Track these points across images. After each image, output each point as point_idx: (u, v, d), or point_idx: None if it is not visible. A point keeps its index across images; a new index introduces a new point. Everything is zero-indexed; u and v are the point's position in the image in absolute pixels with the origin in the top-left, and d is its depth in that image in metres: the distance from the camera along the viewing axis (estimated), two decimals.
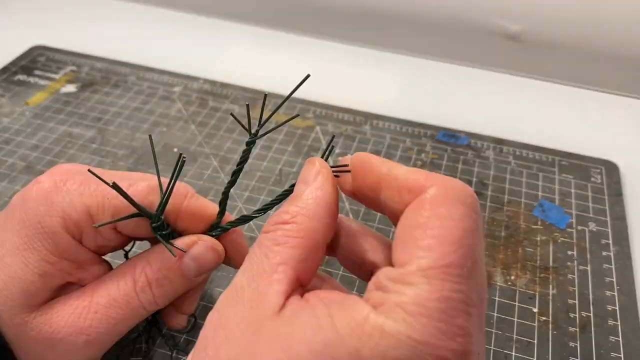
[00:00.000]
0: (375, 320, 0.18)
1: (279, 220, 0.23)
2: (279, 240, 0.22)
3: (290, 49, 0.63)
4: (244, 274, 0.22)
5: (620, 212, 0.43)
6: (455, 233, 0.20)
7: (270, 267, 0.22)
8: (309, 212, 0.23)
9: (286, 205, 0.24)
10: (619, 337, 0.35)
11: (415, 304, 0.18)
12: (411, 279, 0.19)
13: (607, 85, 0.58)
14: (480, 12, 0.60)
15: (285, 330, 0.19)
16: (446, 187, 0.21)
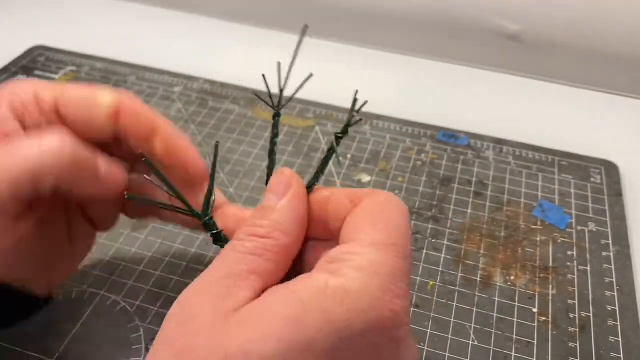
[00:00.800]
0: (335, 282, 0.20)
1: (254, 233, 0.23)
2: (254, 252, 0.23)
3: (290, 49, 0.63)
4: (215, 272, 0.23)
5: (620, 212, 0.43)
6: (399, 224, 0.23)
7: (243, 273, 0.22)
8: (284, 228, 0.24)
9: (258, 218, 0.24)
10: (618, 337, 0.35)
11: (370, 266, 0.21)
12: (363, 249, 0.22)
13: (607, 85, 0.58)
14: (480, 12, 0.60)
15: (254, 312, 0.20)
16: (388, 195, 0.24)
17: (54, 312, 0.35)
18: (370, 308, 0.20)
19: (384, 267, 0.21)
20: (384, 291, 0.21)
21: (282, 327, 0.19)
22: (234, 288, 0.22)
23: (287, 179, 0.25)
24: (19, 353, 0.33)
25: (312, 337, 0.19)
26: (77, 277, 0.37)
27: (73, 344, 0.33)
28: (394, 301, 0.21)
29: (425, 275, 0.38)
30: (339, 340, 0.20)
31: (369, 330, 0.20)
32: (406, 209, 0.24)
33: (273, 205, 0.24)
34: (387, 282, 0.21)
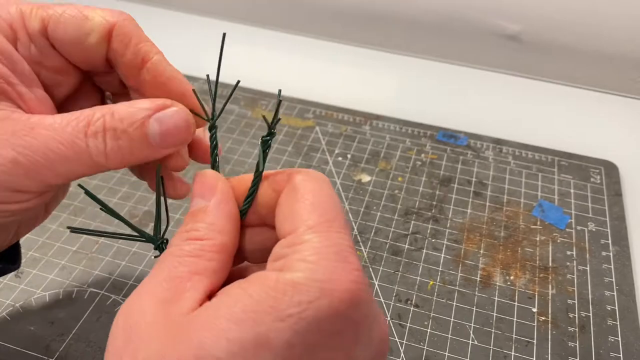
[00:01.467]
0: (284, 277, 0.20)
1: (191, 237, 0.23)
2: (194, 254, 0.22)
3: (290, 49, 0.63)
4: (155, 277, 0.22)
5: (620, 212, 0.43)
6: (327, 198, 0.23)
7: (185, 275, 0.22)
8: (219, 228, 0.24)
9: (191, 222, 0.24)
10: (618, 336, 0.35)
11: (313, 254, 0.21)
12: (303, 237, 0.21)
13: (607, 85, 0.58)
14: (480, 12, 0.60)
15: (203, 315, 0.20)
16: (306, 172, 0.24)
17: (55, 312, 0.35)
18: (321, 296, 0.20)
19: (328, 248, 0.21)
20: (333, 274, 0.20)
21: (232, 327, 0.19)
22: (177, 290, 0.21)
23: (211, 181, 0.25)
24: (19, 352, 0.33)
25: (264, 334, 0.19)
26: (77, 277, 0.37)
27: (73, 344, 0.33)
28: (347, 280, 0.20)
29: (425, 274, 0.38)
30: (294, 335, 0.19)
31: (323, 319, 0.20)
32: (325, 178, 0.24)
33: (203, 208, 0.24)
34: (335, 263, 0.21)
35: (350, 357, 0.21)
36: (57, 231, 0.40)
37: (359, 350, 0.21)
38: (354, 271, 0.21)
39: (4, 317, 0.35)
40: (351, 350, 0.21)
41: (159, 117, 0.25)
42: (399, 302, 0.37)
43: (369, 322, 0.21)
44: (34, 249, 0.39)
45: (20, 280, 0.37)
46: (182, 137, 0.26)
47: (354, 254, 0.21)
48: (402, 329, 0.35)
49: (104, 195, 0.43)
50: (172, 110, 0.26)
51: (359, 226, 0.42)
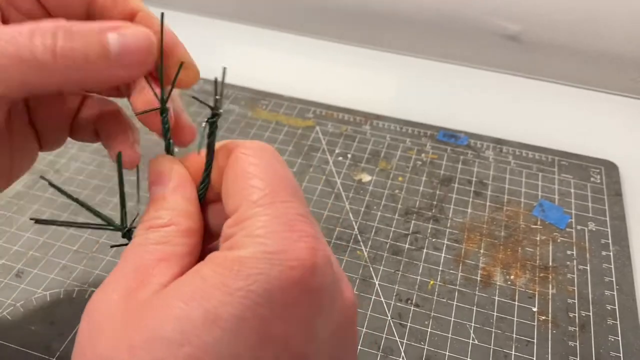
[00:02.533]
0: (231, 255, 0.20)
1: (154, 225, 0.23)
2: (159, 240, 0.22)
3: (290, 49, 0.63)
4: (120, 269, 0.21)
5: (620, 212, 0.43)
6: (269, 168, 0.22)
7: (151, 263, 0.21)
8: (183, 212, 0.23)
9: (152, 211, 0.23)
10: (618, 336, 0.35)
11: (258, 227, 0.20)
12: (248, 213, 0.21)
13: (607, 85, 0.58)
14: (480, 12, 0.60)
15: (157, 299, 0.20)
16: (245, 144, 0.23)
17: (55, 311, 0.35)
18: (269, 267, 0.19)
19: (275, 220, 0.20)
20: (282, 244, 0.20)
21: (181, 306, 0.19)
22: (143, 278, 0.21)
23: (166, 166, 0.24)
24: (19, 352, 0.33)
25: (213, 311, 0.18)
26: (78, 276, 0.37)
27: (73, 344, 0.33)
28: (297, 248, 0.20)
29: (425, 274, 0.38)
30: (245, 309, 0.19)
31: (274, 290, 0.19)
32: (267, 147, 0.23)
33: (163, 195, 0.24)
34: (283, 233, 0.20)
35: (310, 328, 0.20)
36: (57, 231, 0.40)
37: (321, 321, 0.21)
38: (305, 237, 0.20)
39: (4, 317, 0.35)
40: (310, 321, 0.20)
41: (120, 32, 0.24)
42: (400, 302, 0.37)
43: (329, 289, 0.21)
44: (35, 249, 0.39)
45: (20, 280, 0.37)
46: (143, 56, 0.24)
47: (303, 221, 0.21)
48: (403, 328, 0.35)
49: (104, 195, 0.43)
50: (135, 28, 0.25)
51: (360, 226, 0.42)
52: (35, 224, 0.40)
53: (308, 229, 0.21)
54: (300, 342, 0.20)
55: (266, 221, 0.20)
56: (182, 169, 0.25)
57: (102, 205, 0.42)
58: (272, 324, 0.19)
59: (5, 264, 0.38)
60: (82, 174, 0.45)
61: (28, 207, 0.42)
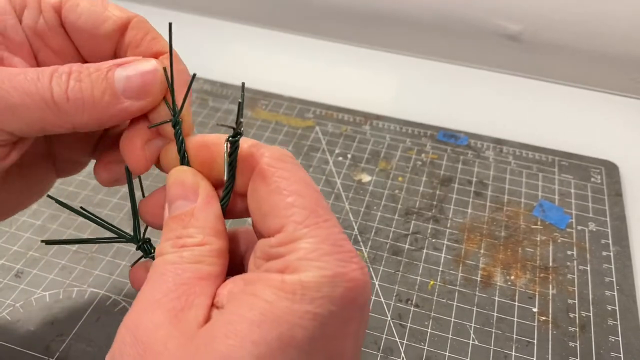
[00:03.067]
0: (291, 279, 0.20)
1: (187, 244, 0.22)
2: (195, 259, 0.22)
3: (290, 49, 0.63)
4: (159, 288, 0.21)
5: (620, 212, 0.43)
6: (301, 182, 0.22)
7: (192, 281, 0.21)
8: (214, 232, 0.23)
9: (181, 228, 0.23)
10: (618, 336, 0.35)
11: (312, 251, 0.21)
12: (296, 235, 0.21)
13: (607, 85, 0.58)
14: (480, 12, 0.60)
15: (221, 324, 0.20)
16: (269, 152, 0.23)
17: (55, 312, 0.35)
18: (330, 290, 0.20)
19: (324, 242, 0.21)
20: (337, 266, 0.20)
21: (255, 330, 0.19)
22: (186, 298, 0.21)
23: (192, 180, 0.24)
24: (19, 352, 0.33)
25: (286, 332, 0.19)
26: (77, 277, 0.37)
27: (73, 344, 0.33)
28: (350, 269, 0.21)
29: (425, 274, 0.38)
30: (314, 329, 0.20)
31: (337, 310, 0.20)
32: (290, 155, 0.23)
33: (190, 211, 0.23)
34: (335, 255, 0.21)
35: (358, 339, 0.22)
36: (57, 231, 0.40)
37: (362, 328, 0.22)
38: (354, 258, 0.21)
39: (4, 317, 0.35)
40: (359, 332, 0.22)
41: (127, 65, 0.25)
42: (400, 302, 0.36)
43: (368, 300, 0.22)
44: (34, 249, 0.39)
45: (20, 280, 0.37)
46: (150, 88, 0.25)
47: (346, 239, 0.22)
48: (403, 329, 0.35)
49: (103, 195, 0.43)
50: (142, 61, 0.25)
51: (359, 226, 0.42)
52: (34, 225, 0.40)
53: (351, 246, 0.22)
54: (351, 351, 0.22)
55: (317, 243, 0.21)
56: (208, 184, 0.24)
57: (101, 205, 0.42)
58: (336, 340, 0.21)
59: (5, 264, 0.38)
60: (82, 174, 0.45)
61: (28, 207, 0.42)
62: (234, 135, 0.23)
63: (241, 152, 0.24)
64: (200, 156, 0.25)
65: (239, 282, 0.22)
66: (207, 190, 0.24)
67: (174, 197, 0.24)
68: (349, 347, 0.21)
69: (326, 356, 0.20)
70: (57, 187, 0.43)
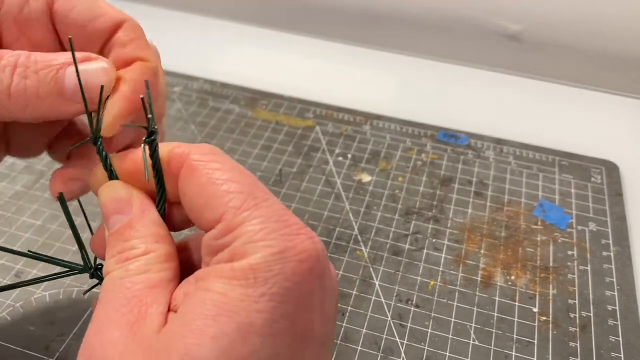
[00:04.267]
0: (240, 265, 0.19)
1: (131, 256, 0.22)
2: (142, 269, 0.21)
3: (290, 49, 0.63)
4: (110, 305, 0.20)
5: (621, 212, 0.43)
6: (234, 170, 0.22)
7: (143, 291, 0.21)
8: (156, 237, 0.22)
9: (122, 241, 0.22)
10: (619, 337, 0.35)
11: (256, 232, 0.20)
12: (237, 220, 0.20)
13: (607, 85, 0.58)
14: (480, 12, 0.60)
15: (176, 324, 0.19)
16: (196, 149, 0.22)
17: (55, 312, 0.35)
18: (283, 266, 0.19)
19: (267, 221, 0.20)
20: (285, 241, 0.20)
21: (211, 324, 0.18)
22: (139, 309, 0.20)
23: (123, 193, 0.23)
24: (19, 352, 0.33)
25: (244, 320, 0.19)
26: (77, 277, 0.37)
27: (73, 344, 0.33)
28: (298, 240, 0.20)
29: (425, 274, 0.38)
30: (273, 310, 0.19)
31: (293, 285, 0.20)
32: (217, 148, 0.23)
33: (127, 223, 0.22)
34: (281, 231, 0.20)
35: (324, 310, 0.21)
36: (57, 231, 0.40)
37: (327, 299, 0.21)
38: (301, 229, 0.21)
39: (4, 317, 0.34)
40: (323, 303, 0.21)
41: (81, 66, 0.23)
42: (400, 302, 0.36)
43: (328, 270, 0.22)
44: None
45: (20, 280, 0.37)
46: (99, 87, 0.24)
47: (290, 214, 0.21)
48: (403, 329, 0.35)
49: None
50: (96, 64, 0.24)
51: (360, 226, 0.41)
52: (34, 225, 0.40)
53: (297, 220, 0.21)
54: (320, 324, 0.21)
55: (260, 224, 0.20)
56: (141, 193, 0.23)
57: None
58: (298, 316, 0.20)
59: (5, 264, 0.37)
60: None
61: (27, 207, 0.42)
62: (148, 135, 0.23)
63: (164, 155, 0.23)
64: (126, 168, 0.24)
65: (191, 280, 0.21)
66: (140, 199, 0.23)
67: (109, 213, 0.23)
68: (316, 320, 0.21)
69: (292, 334, 0.20)
70: None
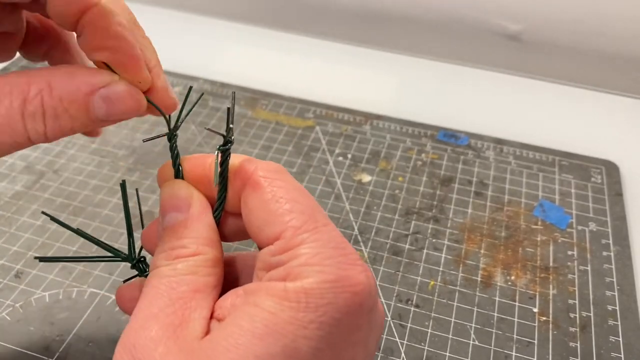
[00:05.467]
0: (293, 287, 0.19)
1: (180, 255, 0.22)
2: (190, 270, 0.21)
3: (290, 49, 0.63)
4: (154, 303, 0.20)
5: (620, 212, 0.43)
6: (298, 191, 0.22)
7: (187, 294, 0.21)
8: (207, 241, 0.22)
9: (174, 239, 0.22)
10: (619, 337, 0.35)
11: (313, 255, 0.20)
12: (295, 240, 0.20)
13: (607, 85, 0.58)
14: (480, 12, 0.60)
15: (222, 336, 0.19)
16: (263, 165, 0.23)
17: (55, 312, 0.35)
18: (335, 296, 0.19)
19: (325, 246, 0.20)
20: (340, 270, 0.20)
21: (257, 343, 0.18)
22: (183, 312, 0.20)
23: (184, 192, 0.23)
24: (19, 353, 0.33)
25: (290, 344, 0.19)
26: (77, 277, 0.37)
27: (73, 344, 0.33)
28: (355, 273, 0.20)
29: (425, 275, 0.38)
30: (320, 339, 0.19)
31: (343, 317, 0.19)
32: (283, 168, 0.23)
33: (183, 222, 0.23)
34: (338, 259, 0.20)
35: (368, 345, 0.21)
36: (56, 231, 0.40)
37: (372, 336, 0.21)
38: (357, 261, 0.21)
39: (3, 317, 0.34)
40: (368, 338, 0.21)
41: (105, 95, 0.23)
42: (400, 303, 0.36)
43: (377, 307, 0.21)
44: (34, 249, 0.38)
45: (20, 281, 0.37)
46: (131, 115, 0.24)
47: (347, 242, 0.21)
48: (403, 329, 0.35)
49: (104, 195, 0.43)
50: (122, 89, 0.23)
51: (360, 226, 0.41)
52: (34, 225, 0.39)
53: (353, 249, 0.21)
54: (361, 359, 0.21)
55: (317, 248, 0.20)
56: (201, 195, 0.24)
57: (101, 205, 0.42)
58: (343, 349, 0.20)
59: (5, 265, 0.37)
60: (81, 174, 0.45)
61: (27, 207, 0.42)
62: (224, 143, 0.23)
63: (233, 166, 0.23)
64: (195, 172, 0.24)
65: (240, 292, 0.21)
66: (200, 201, 0.23)
67: (167, 209, 0.23)
68: (359, 355, 0.21)
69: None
70: (57, 187, 0.43)
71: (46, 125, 0.22)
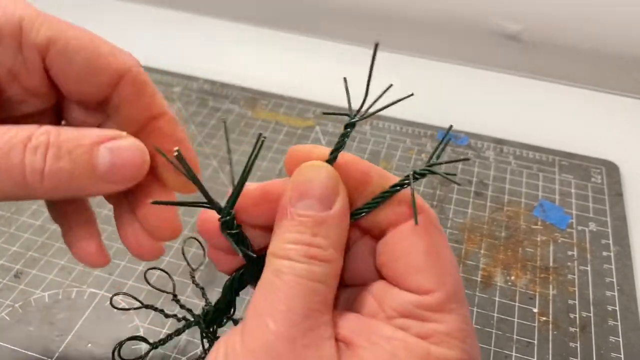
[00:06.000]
0: (436, 353, 0.20)
1: (316, 256, 0.20)
2: (322, 278, 0.20)
3: (290, 49, 0.63)
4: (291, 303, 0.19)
5: (621, 212, 0.43)
6: (452, 255, 0.22)
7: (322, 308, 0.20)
8: (341, 249, 0.21)
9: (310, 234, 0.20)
10: (619, 337, 0.35)
11: (459, 330, 0.20)
12: (447, 307, 0.20)
13: (607, 85, 0.58)
14: (480, 12, 0.60)
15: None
16: (432, 217, 0.22)
17: (54, 312, 0.35)
18: None
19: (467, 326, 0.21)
20: (473, 350, 0.21)
21: None
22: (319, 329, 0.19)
23: (332, 184, 0.21)
24: (18, 353, 0.33)
25: None
26: (77, 277, 0.37)
27: (73, 344, 0.33)
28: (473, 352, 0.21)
29: None
30: None
31: None
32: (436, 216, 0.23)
33: (324, 218, 0.20)
34: (472, 341, 0.21)
35: None
36: (56, 231, 0.40)
37: None
38: (475, 341, 0.21)
39: (3, 318, 0.34)
40: None
41: (112, 147, 0.22)
42: None
43: None
44: (34, 249, 0.38)
45: (19, 281, 0.37)
46: (134, 174, 0.23)
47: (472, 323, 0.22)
48: None
49: None
50: (129, 142, 0.23)
51: None
52: (34, 225, 0.39)
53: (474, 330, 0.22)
54: None
55: (462, 322, 0.20)
56: (347, 195, 0.21)
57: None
58: None
59: (4, 265, 0.37)
60: None
61: (27, 207, 0.42)
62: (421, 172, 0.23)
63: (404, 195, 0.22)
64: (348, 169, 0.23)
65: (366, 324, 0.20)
66: (345, 201, 0.21)
67: (306, 194, 0.21)
68: None
69: None
70: None
71: (46, 163, 0.21)
